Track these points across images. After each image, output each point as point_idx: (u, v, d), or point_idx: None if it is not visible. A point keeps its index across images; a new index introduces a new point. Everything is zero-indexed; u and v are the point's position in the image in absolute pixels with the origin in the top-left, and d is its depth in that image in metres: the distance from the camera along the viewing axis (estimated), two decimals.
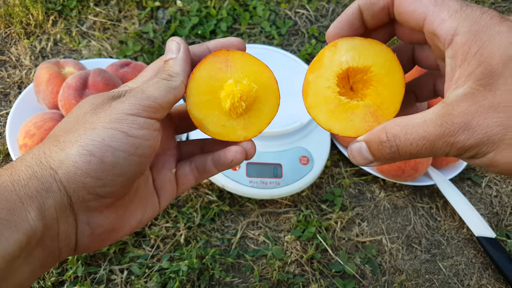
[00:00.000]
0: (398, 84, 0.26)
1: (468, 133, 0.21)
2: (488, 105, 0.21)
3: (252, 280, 0.48)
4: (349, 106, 0.26)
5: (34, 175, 0.21)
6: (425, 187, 0.60)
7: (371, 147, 0.25)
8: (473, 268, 0.53)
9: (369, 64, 0.26)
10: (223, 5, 0.78)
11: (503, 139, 0.20)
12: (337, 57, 0.26)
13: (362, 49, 0.26)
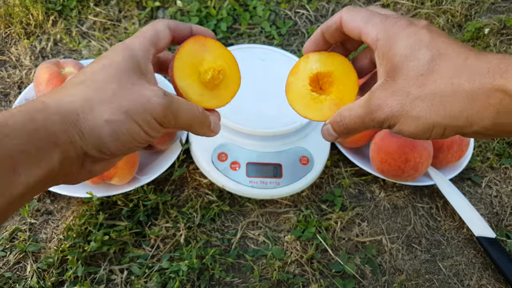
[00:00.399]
0: (353, 83, 0.36)
1: (380, 112, 0.29)
2: (392, 91, 0.29)
3: (252, 280, 0.48)
4: (319, 100, 0.36)
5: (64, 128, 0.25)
6: (425, 187, 0.60)
7: (333, 127, 0.34)
8: (473, 268, 0.53)
9: (332, 70, 0.36)
10: (223, 5, 0.78)
11: (402, 114, 0.29)
12: (309, 65, 0.37)
13: (326, 60, 0.37)
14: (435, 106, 0.27)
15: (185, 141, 0.55)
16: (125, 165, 0.47)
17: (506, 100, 0.25)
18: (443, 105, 0.27)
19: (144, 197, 0.52)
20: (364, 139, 0.57)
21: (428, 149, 0.52)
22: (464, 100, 0.26)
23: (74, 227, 0.48)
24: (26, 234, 0.49)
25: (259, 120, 0.52)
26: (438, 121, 0.27)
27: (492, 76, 0.25)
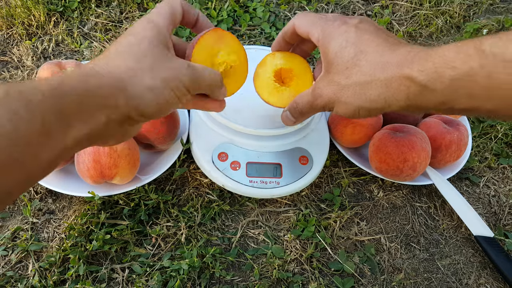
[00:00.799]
0: (308, 79, 0.44)
1: (321, 99, 0.37)
2: (327, 82, 0.36)
3: (252, 278, 0.49)
4: (280, 90, 0.45)
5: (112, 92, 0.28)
6: (424, 186, 0.60)
7: (291, 112, 0.43)
8: (471, 267, 0.53)
9: (293, 67, 0.45)
10: (224, 7, 0.79)
11: (335, 100, 0.36)
12: (274, 61, 0.45)
13: (288, 59, 0.45)
14: (358, 93, 0.34)
15: (186, 141, 0.56)
16: (126, 165, 0.47)
17: (413, 86, 0.30)
18: (364, 92, 0.33)
19: (145, 196, 0.52)
20: (363, 139, 0.58)
21: (426, 149, 0.53)
22: (380, 87, 0.32)
23: (75, 226, 0.49)
24: (28, 233, 0.49)
25: (259, 120, 0.53)
26: (361, 104, 0.34)
27: (401, 67, 0.31)
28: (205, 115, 0.55)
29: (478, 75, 0.27)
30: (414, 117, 0.59)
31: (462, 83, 0.28)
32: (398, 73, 0.31)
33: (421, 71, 0.29)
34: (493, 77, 0.26)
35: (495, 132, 0.68)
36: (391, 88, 0.32)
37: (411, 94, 0.31)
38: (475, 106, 0.28)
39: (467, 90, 0.28)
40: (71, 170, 0.52)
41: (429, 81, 0.29)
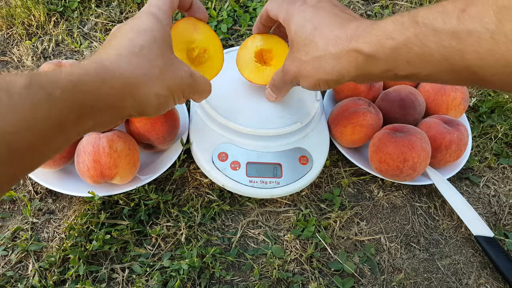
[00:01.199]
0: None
1: (288, 74, 0.42)
2: (292, 58, 0.40)
3: (252, 278, 0.49)
4: (261, 69, 0.50)
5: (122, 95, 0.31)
6: (424, 186, 0.60)
7: (270, 87, 0.49)
8: (471, 267, 0.53)
9: (272, 48, 0.50)
10: (224, 7, 0.79)
11: (299, 74, 0.40)
12: (255, 43, 0.50)
13: (268, 40, 0.50)
14: (315, 66, 0.37)
15: (186, 141, 0.56)
16: (126, 165, 0.47)
17: (360, 57, 0.34)
18: (320, 65, 0.37)
19: (145, 196, 0.52)
20: (363, 139, 0.58)
21: (426, 149, 0.53)
22: (333, 60, 0.36)
23: (75, 226, 0.49)
24: (28, 233, 0.49)
25: (259, 120, 0.53)
26: (320, 77, 0.38)
27: (349, 41, 0.34)
28: (205, 115, 0.55)
29: (413, 43, 0.30)
30: (414, 117, 0.59)
31: (400, 51, 0.31)
32: (347, 47, 0.34)
33: (367, 43, 0.33)
34: (425, 45, 0.29)
35: (495, 132, 0.68)
36: (342, 60, 0.35)
37: (359, 64, 0.34)
38: (414, 72, 0.31)
39: (405, 58, 0.31)
40: (71, 170, 0.52)
41: (373, 51, 0.32)
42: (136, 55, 0.32)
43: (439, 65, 0.29)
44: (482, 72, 0.27)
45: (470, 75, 0.28)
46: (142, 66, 0.32)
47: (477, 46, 0.26)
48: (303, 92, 0.58)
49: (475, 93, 0.74)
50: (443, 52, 0.28)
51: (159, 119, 0.50)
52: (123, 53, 0.32)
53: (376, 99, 0.63)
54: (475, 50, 0.26)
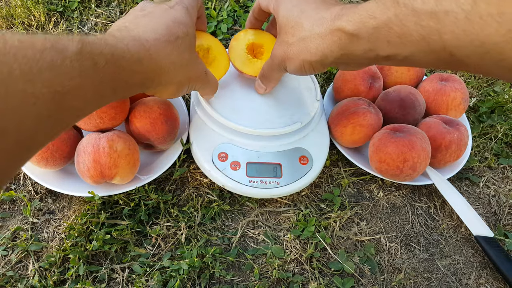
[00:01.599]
0: None
1: (276, 59, 0.43)
2: (279, 43, 0.42)
3: (252, 278, 0.49)
4: (252, 61, 0.52)
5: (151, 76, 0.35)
6: (424, 186, 0.60)
7: (260, 78, 0.51)
8: (471, 267, 0.53)
9: (263, 43, 0.52)
10: (224, 7, 0.79)
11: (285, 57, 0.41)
12: (247, 37, 0.52)
13: (259, 35, 0.53)
14: (301, 48, 0.38)
15: (186, 141, 0.56)
16: (126, 165, 0.47)
17: (344, 36, 0.35)
18: (305, 46, 0.38)
19: (145, 196, 0.52)
20: (363, 139, 0.58)
21: (426, 149, 0.53)
22: (317, 40, 0.37)
23: (75, 226, 0.49)
24: (28, 233, 0.49)
25: (259, 120, 0.53)
26: (303, 58, 0.39)
27: (333, 21, 0.35)
28: (205, 115, 0.55)
29: (393, 23, 0.30)
30: (414, 117, 0.59)
31: (382, 31, 0.31)
32: (331, 26, 0.35)
33: (350, 21, 0.34)
34: (405, 25, 0.30)
35: (495, 132, 0.68)
36: (326, 40, 0.36)
37: (342, 44, 0.35)
38: (395, 52, 0.32)
39: (386, 37, 0.32)
40: (71, 170, 0.52)
41: (356, 30, 0.33)
42: (171, 44, 0.36)
43: (418, 45, 0.30)
44: (459, 53, 0.28)
45: (448, 56, 0.29)
46: (173, 55, 0.36)
47: (453, 26, 0.27)
48: (303, 92, 0.58)
49: (475, 93, 0.74)
50: (421, 32, 0.29)
51: (159, 119, 0.50)
52: (161, 39, 0.35)
53: (376, 99, 0.63)
54: (451, 30, 0.27)
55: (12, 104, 0.20)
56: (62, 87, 0.23)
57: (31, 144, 0.23)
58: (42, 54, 0.22)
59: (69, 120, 0.26)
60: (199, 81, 0.42)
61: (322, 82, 0.71)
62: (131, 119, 0.51)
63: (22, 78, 0.21)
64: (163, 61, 0.35)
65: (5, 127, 0.20)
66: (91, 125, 0.48)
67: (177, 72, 0.37)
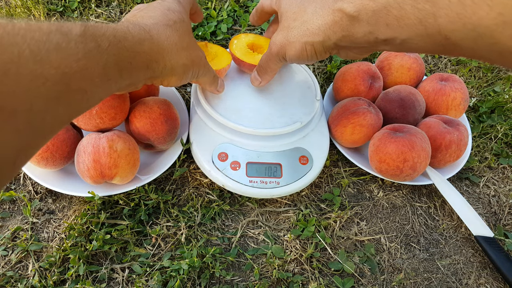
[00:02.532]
0: None
1: (274, 46, 0.43)
2: (280, 30, 0.42)
3: (252, 278, 0.49)
4: (252, 54, 0.55)
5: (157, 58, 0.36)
6: (424, 186, 0.60)
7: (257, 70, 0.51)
8: (471, 267, 0.53)
9: (262, 45, 0.56)
10: (224, 7, 0.79)
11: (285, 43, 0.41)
12: (248, 38, 0.57)
13: (259, 38, 0.57)
14: (302, 30, 0.39)
15: (186, 141, 0.56)
16: (126, 165, 0.47)
17: (344, 17, 0.35)
18: (307, 28, 0.38)
19: (145, 196, 0.52)
20: (363, 139, 0.58)
21: (426, 149, 0.53)
22: (319, 20, 0.37)
23: (75, 226, 0.49)
24: (28, 233, 0.49)
25: (259, 120, 0.53)
26: (305, 40, 0.39)
27: (335, 1, 0.36)
28: (205, 115, 0.55)
29: (392, 6, 0.31)
30: (414, 117, 0.59)
31: (381, 14, 0.32)
32: (333, 7, 0.36)
33: (350, 3, 0.34)
34: (402, 8, 0.31)
35: (495, 132, 0.68)
36: (328, 20, 0.37)
37: (343, 25, 0.36)
38: (393, 35, 0.33)
39: (385, 20, 0.32)
40: (71, 170, 0.52)
41: (356, 12, 0.34)
42: (170, 27, 0.37)
43: (415, 28, 0.31)
44: (453, 36, 0.28)
45: (443, 40, 0.29)
46: (173, 37, 0.37)
47: (448, 9, 0.27)
48: (303, 92, 0.58)
49: (475, 93, 0.74)
50: (418, 15, 0.30)
51: (159, 119, 0.50)
52: (160, 23, 0.37)
53: (376, 99, 0.63)
54: (446, 13, 0.28)
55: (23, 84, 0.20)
56: (69, 69, 0.24)
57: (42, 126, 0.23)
58: (48, 36, 0.22)
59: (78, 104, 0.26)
60: (202, 65, 0.43)
61: (322, 82, 0.71)
62: (131, 119, 0.51)
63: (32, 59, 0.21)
64: (165, 43, 0.36)
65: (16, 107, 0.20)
66: (91, 125, 0.48)
67: (180, 54, 0.38)
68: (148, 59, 0.34)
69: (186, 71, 0.40)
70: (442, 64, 0.79)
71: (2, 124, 0.19)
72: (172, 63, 0.37)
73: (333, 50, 0.39)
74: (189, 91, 0.66)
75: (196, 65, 0.41)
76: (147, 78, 0.36)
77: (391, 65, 0.65)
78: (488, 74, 0.78)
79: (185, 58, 0.39)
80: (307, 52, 0.40)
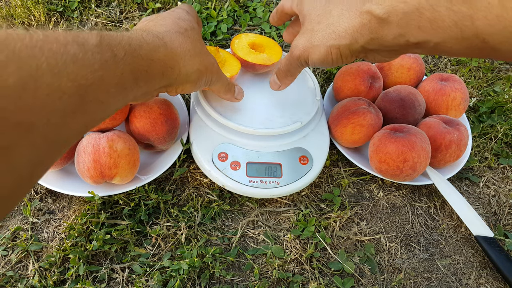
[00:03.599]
0: (277, 51, 0.58)
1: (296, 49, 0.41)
2: (303, 32, 0.40)
3: (252, 278, 0.49)
4: (254, 53, 0.57)
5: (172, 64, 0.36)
6: (424, 186, 0.60)
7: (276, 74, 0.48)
8: (471, 267, 0.53)
9: (263, 43, 0.59)
10: (224, 7, 0.79)
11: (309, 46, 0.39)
12: (249, 37, 0.59)
13: (260, 37, 0.59)
14: (328, 33, 0.37)
15: (186, 141, 0.56)
16: (126, 165, 0.47)
17: (373, 19, 0.34)
18: (332, 30, 0.37)
19: (145, 196, 0.52)
20: (363, 139, 0.58)
21: (426, 149, 0.53)
22: (346, 23, 0.36)
23: (75, 226, 0.49)
24: (28, 233, 0.49)
25: (259, 120, 0.53)
26: (331, 43, 0.37)
27: (363, 3, 0.35)
28: (205, 115, 0.55)
29: (424, 8, 0.30)
30: (414, 117, 0.59)
31: (412, 16, 0.31)
32: (361, 9, 0.35)
33: (379, 5, 0.33)
34: (436, 10, 0.29)
35: (495, 132, 0.68)
36: (355, 23, 0.35)
37: (372, 27, 0.34)
38: (426, 39, 0.32)
39: (417, 23, 0.31)
40: (71, 170, 0.52)
41: (385, 14, 0.33)
42: (182, 35, 0.38)
43: (450, 31, 0.29)
44: (492, 40, 0.27)
45: (480, 43, 0.28)
46: (186, 44, 0.37)
47: (486, 12, 0.26)
48: (303, 91, 0.58)
49: (475, 93, 0.74)
50: (453, 18, 0.28)
51: (159, 119, 0.50)
52: (172, 31, 0.37)
53: (376, 99, 0.63)
54: (484, 16, 0.26)
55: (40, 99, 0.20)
56: (85, 80, 0.23)
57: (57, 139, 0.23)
58: (65, 47, 0.22)
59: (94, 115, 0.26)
60: (214, 71, 0.43)
61: (322, 82, 0.71)
62: (131, 119, 0.51)
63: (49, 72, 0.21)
64: (178, 49, 0.36)
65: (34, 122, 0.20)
66: None
67: (194, 60, 0.38)
68: (163, 66, 0.34)
69: (200, 78, 0.40)
70: (442, 64, 0.79)
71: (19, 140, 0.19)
72: (187, 69, 0.38)
73: (360, 53, 0.38)
74: None
75: (209, 72, 0.41)
76: (162, 86, 0.36)
77: (391, 65, 0.65)
78: (488, 74, 0.78)
79: (198, 64, 0.39)
80: (332, 56, 0.38)
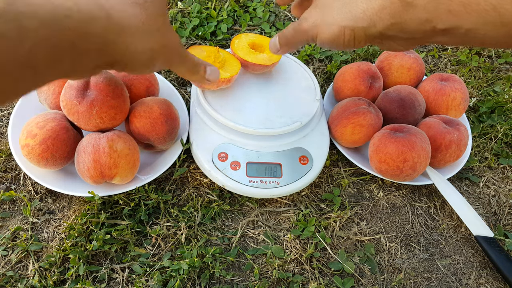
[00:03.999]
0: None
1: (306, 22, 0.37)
2: (315, 6, 0.37)
3: (252, 278, 0.49)
4: (254, 53, 0.56)
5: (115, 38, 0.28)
6: (424, 186, 0.60)
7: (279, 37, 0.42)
8: (471, 267, 0.53)
9: (263, 43, 0.58)
10: (224, 7, 0.79)
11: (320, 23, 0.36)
12: (248, 37, 0.58)
13: (260, 37, 0.59)
14: (343, 12, 0.34)
15: (186, 141, 0.56)
16: (126, 165, 0.47)
17: (396, 2, 0.30)
18: (349, 10, 0.33)
19: (145, 196, 0.52)
20: (363, 139, 0.58)
21: (426, 149, 0.53)
22: (364, 4, 0.32)
23: (75, 226, 0.49)
24: (28, 233, 0.49)
25: (259, 120, 0.53)
26: (345, 23, 0.34)
27: None
28: (205, 115, 0.55)
29: None
30: (414, 117, 0.59)
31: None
32: None
33: None
34: None
35: (495, 132, 0.68)
36: (375, 4, 0.31)
37: (394, 10, 0.31)
38: (456, 24, 0.28)
39: (448, 6, 0.28)
40: (71, 170, 0.52)
41: None
42: (138, 5, 0.30)
43: (486, 15, 0.26)
44: None
45: None
46: (140, 17, 0.30)
47: None
48: (303, 91, 0.58)
49: (475, 93, 0.74)
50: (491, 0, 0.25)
51: (159, 119, 0.50)
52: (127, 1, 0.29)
53: (376, 99, 0.63)
54: None
55: None
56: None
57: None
58: None
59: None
60: (176, 53, 0.35)
61: (322, 82, 0.71)
62: (131, 119, 0.51)
63: None
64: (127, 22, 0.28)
65: None
66: (91, 125, 0.48)
67: (147, 37, 0.30)
68: (101, 41, 0.27)
69: (155, 57, 0.32)
70: (442, 64, 0.79)
71: None
72: (136, 47, 0.30)
73: (376, 39, 0.34)
74: (189, 91, 0.66)
75: (168, 52, 0.34)
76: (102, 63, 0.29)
77: (391, 65, 0.65)
78: (488, 74, 0.78)
79: (153, 42, 0.31)
80: (345, 37, 0.34)
